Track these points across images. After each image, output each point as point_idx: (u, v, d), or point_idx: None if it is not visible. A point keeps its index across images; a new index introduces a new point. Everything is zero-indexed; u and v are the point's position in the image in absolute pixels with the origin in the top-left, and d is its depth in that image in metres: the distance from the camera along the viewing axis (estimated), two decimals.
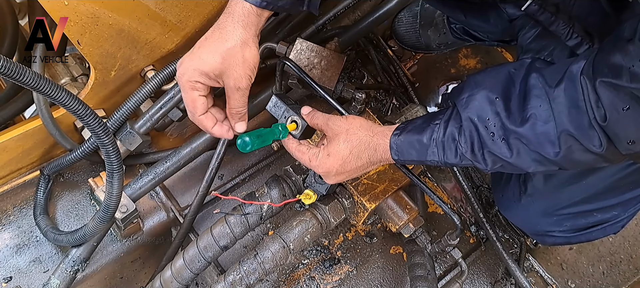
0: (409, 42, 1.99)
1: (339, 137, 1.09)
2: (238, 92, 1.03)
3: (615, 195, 1.25)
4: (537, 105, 0.91)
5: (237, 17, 1.01)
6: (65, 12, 1.13)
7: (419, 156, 1.04)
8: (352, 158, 1.08)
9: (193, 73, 1.00)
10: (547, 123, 0.90)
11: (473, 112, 0.97)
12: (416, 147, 1.03)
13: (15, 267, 1.39)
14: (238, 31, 1.00)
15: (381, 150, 1.08)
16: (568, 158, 0.92)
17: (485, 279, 1.75)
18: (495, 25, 1.66)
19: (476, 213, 1.69)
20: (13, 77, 0.81)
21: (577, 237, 1.38)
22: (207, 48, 1.01)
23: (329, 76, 1.41)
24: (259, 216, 1.34)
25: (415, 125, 1.05)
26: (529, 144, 0.93)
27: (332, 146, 1.09)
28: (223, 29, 1.01)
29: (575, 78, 0.88)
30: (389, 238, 1.72)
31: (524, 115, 0.92)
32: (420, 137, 1.03)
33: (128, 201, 1.37)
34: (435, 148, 1.01)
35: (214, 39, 1.01)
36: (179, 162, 1.46)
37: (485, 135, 0.96)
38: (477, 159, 0.99)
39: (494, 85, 0.98)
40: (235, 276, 1.28)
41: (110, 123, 1.37)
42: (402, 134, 1.06)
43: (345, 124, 1.09)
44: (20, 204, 1.46)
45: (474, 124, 0.97)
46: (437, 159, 1.02)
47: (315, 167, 1.12)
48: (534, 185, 1.36)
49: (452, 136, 1.00)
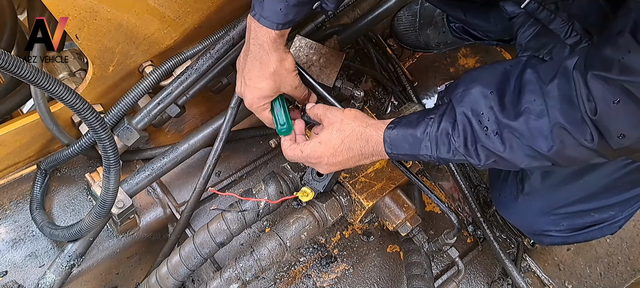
0: (408, 41, 1.99)
1: (333, 126, 1.12)
2: (296, 90, 1.23)
3: (612, 195, 1.25)
4: (531, 100, 0.92)
5: (266, 46, 1.14)
6: (64, 7, 1.13)
7: (412, 150, 1.04)
8: (344, 148, 1.11)
9: (258, 101, 1.21)
10: (540, 117, 0.90)
11: (467, 106, 0.97)
12: (409, 141, 1.04)
13: (10, 262, 1.39)
14: (273, 56, 1.15)
15: (373, 142, 1.08)
16: (561, 153, 0.92)
17: (482, 279, 1.75)
18: (495, 24, 1.66)
19: (474, 212, 1.69)
20: (11, 70, 0.81)
21: (574, 236, 1.38)
22: (259, 78, 1.18)
23: (327, 73, 1.41)
24: (256, 213, 1.34)
25: (410, 119, 1.06)
26: (522, 138, 0.93)
27: (324, 134, 1.13)
28: (261, 60, 1.16)
29: (568, 73, 0.88)
30: (386, 237, 1.72)
31: (518, 110, 0.93)
32: (414, 131, 1.03)
33: (125, 197, 1.37)
34: (428, 143, 1.02)
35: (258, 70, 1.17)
36: (177, 158, 1.46)
37: (479, 130, 0.96)
38: (470, 154, 0.99)
39: (490, 81, 0.98)
40: (232, 273, 1.28)
41: (108, 118, 1.37)
42: (396, 127, 1.06)
43: (341, 115, 1.13)
44: (17, 198, 1.46)
45: (467, 118, 0.97)
46: (429, 154, 1.03)
47: (307, 156, 1.15)
48: (531, 184, 1.36)
49: (445, 131, 1.00)
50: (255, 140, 1.78)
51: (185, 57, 1.40)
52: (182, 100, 1.43)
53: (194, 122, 1.71)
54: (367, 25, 1.75)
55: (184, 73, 1.38)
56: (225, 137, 1.41)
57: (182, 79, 1.38)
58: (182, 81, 1.38)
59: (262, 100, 1.21)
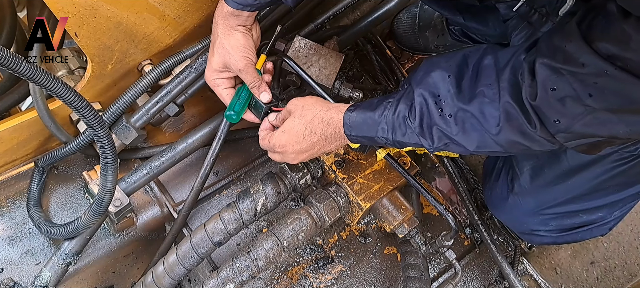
0: (407, 43, 1.99)
1: (295, 114, 1.14)
2: (242, 72, 1.20)
3: (600, 196, 1.26)
4: (486, 84, 0.93)
5: (217, 18, 1.18)
6: (64, 4, 1.13)
7: (369, 132, 1.06)
8: (307, 134, 1.12)
9: (209, 74, 1.25)
10: (492, 102, 0.92)
11: (425, 88, 0.99)
12: (368, 123, 1.05)
13: (6, 259, 1.39)
14: (219, 28, 1.17)
15: (335, 124, 1.09)
16: (508, 139, 0.93)
17: (478, 281, 1.75)
18: (494, 28, 1.66)
19: (471, 215, 1.69)
20: (9, 67, 0.81)
21: (563, 237, 1.39)
22: (210, 51, 1.22)
23: (326, 74, 1.41)
24: (253, 213, 1.34)
25: (370, 102, 1.07)
26: (475, 121, 0.94)
27: (287, 122, 1.15)
28: (213, 33, 1.20)
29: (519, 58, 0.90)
30: (383, 239, 1.72)
31: (473, 93, 0.94)
32: (372, 113, 1.05)
33: (122, 195, 1.36)
34: (385, 125, 1.03)
35: (211, 44, 1.21)
36: (174, 157, 1.46)
37: (435, 111, 0.98)
38: (425, 135, 1.00)
39: (449, 66, 1.00)
40: (228, 272, 1.27)
41: (106, 116, 1.37)
42: (356, 110, 1.07)
43: (301, 101, 1.15)
44: (14, 196, 1.45)
45: (425, 99, 0.99)
46: (385, 136, 1.04)
47: (273, 146, 1.17)
48: (521, 184, 1.37)
49: (402, 114, 1.01)
50: (254, 140, 1.77)
51: (185, 56, 1.40)
52: (181, 99, 1.43)
53: (193, 121, 1.71)
54: (366, 27, 1.75)
55: (183, 72, 1.38)
56: (223, 137, 1.40)
57: (181, 78, 1.38)
58: (181, 80, 1.38)
59: (213, 74, 1.23)
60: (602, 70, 0.78)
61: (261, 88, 1.23)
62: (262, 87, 1.23)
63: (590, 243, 1.78)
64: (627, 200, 1.27)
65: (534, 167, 1.34)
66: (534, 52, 0.89)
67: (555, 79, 0.83)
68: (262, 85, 1.23)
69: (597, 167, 1.20)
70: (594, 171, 1.21)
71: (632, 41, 0.73)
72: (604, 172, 1.20)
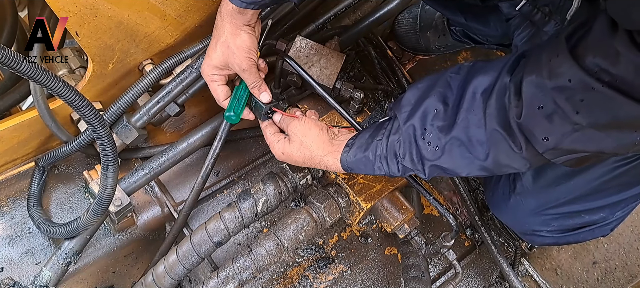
0: (408, 43, 1.99)
1: (294, 144, 1.18)
2: (244, 72, 1.21)
3: (602, 197, 1.26)
4: (470, 109, 0.94)
5: (224, 16, 1.17)
6: (65, 4, 1.12)
7: (367, 170, 1.10)
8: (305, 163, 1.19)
9: (208, 69, 1.24)
10: (479, 127, 0.93)
11: (411, 121, 1.01)
12: (364, 162, 1.10)
13: (7, 258, 1.39)
14: (226, 27, 1.17)
15: (333, 168, 1.15)
16: (496, 161, 0.94)
17: (479, 282, 1.75)
18: (495, 28, 1.66)
19: (472, 215, 1.69)
20: (10, 66, 0.81)
21: (565, 237, 1.39)
22: (212, 47, 1.21)
23: (327, 74, 1.41)
24: (254, 213, 1.33)
25: (361, 142, 1.10)
26: (463, 149, 0.95)
27: (288, 147, 1.20)
28: (216, 27, 1.20)
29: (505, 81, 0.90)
30: (384, 239, 1.72)
31: (458, 119, 0.95)
32: (367, 153, 1.08)
33: (122, 195, 1.36)
34: (380, 163, 1.07)
35: (213, 38, 1.21)
36: (175, 157, 1.45)
37: (423, 145, 1.00)
38: (417, 167, 1.02)
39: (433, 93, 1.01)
40: (229, 272, 1.27)
41: (107, 116, 1.37)
42: (351, 150, 1.11)
43: (301, 134, 1.18)
44: (14, 195, 1.45)
45: (411, 133, 1.01)
46: (383, 172, 1.08)
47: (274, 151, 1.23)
48: (523, 184, 1.37)
49: (393, 150, 1.04)
50: (255, 140, 1.78)
51: (186, 56, 1.40)
52: (182, 99, 1.43)
53: (194, 121, 1.71)
54: (368, 27, 1.75)
55: (184, 72, 1.38)
56: (224, 137, 1.40)
57: (181, 78, 1.38)
58: (181, 80, 1.38)
59: (212, 70, 1.23)
60: (588, 86, 0.77)
61: (261, 88, 1.25)
62: (263, 87, 1.25)
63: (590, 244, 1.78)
64: (629, 201, 1.27)
65: (536, 168, 1.34)
66: (520, 70, 0.88)
67: (542, 97, 0.83)
68: (262, 85, 1.25)
69: (599, 167, 1.20)
70: (596, 171, 1.21)
71: (622, 57, 0.72)
72: (606, 173, 1.20)
